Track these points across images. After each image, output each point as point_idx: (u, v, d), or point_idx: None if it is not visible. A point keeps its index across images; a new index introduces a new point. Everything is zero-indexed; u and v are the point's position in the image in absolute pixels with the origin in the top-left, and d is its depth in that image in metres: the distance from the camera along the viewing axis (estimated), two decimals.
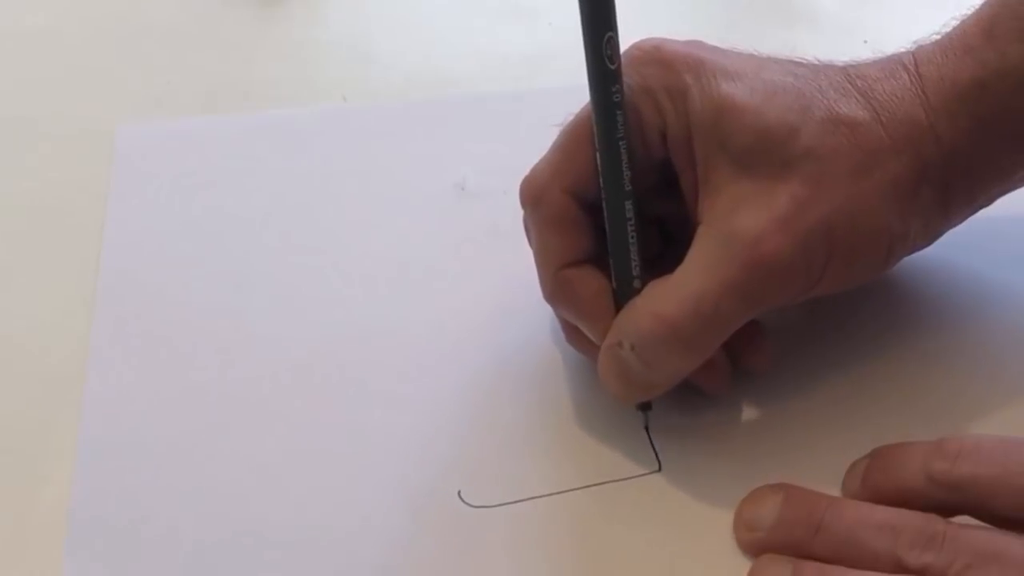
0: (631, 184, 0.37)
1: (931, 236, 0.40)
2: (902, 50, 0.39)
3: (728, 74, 0.37)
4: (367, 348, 0.43)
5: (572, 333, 0.40)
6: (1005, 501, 0.33)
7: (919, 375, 0.42)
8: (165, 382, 0.42)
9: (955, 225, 0.41)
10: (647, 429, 0.39)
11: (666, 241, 0.41)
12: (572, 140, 0.38)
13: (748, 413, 0.41)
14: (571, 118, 0.39)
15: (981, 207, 0.41)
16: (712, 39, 0.39)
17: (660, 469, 0.39)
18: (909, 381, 0.41)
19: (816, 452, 0.39)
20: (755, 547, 0.36)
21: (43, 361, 0.43)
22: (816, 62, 0.39)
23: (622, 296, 0.38)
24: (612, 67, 0.36)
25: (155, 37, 0.61)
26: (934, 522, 0.33)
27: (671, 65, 0.38)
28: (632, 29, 0.37)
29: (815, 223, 0.36)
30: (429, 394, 0.41)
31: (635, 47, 0.39)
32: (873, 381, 0.41)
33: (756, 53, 0.39)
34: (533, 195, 0.39)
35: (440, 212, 0.49)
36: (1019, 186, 0.41)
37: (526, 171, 0.39)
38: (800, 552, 0.35)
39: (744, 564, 0.35)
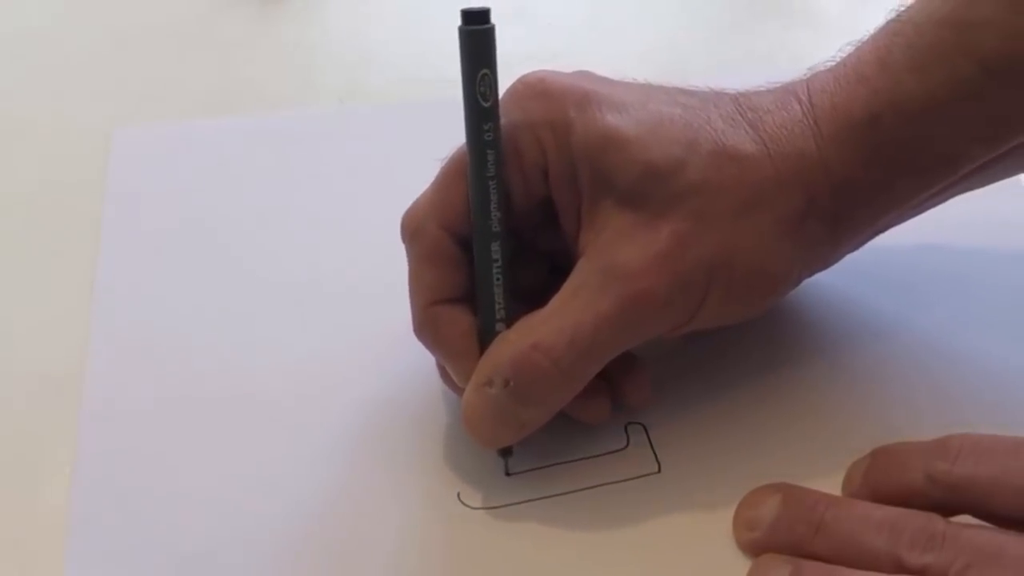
0: (500, 225, 0.37)
1: (822, 266, 0.40)
2: (796, 79, 0.39)
3: (614, 105, 0.37)
4: (366, 349, 0.43)
5: (443, 371, 0.39)
6: (1005, 501, 0.33)
7: (920, 374, 0.42)
8: (164, 383, 0.42)
9: (854, 250, 0.40)
10: (507, 474, 0.38)
11: (554, 274, 0.39)
12: (449, 176, 0.38)
13: (748, 413, 0.40)
14: (452, 153, 0.38)
15: (879, 232, 0.40)
16: (712, 39, 0.39)
17: (660, 470, 0.39)
18: (911, 379, 0.41)
19: (816, 452, 0.39)
20: (755, 547, 0.36)
21: (43, 362, 0.43)
22: (708, 91, 0.39)
23: (485, 338, 0.37)
24: (486, 105, 0.36)
25: (154, 38, 0.61)
26: (934, 521, 0.33)
27: (555, 98, 0.37)
28: (633, 29, 0.37)
29: (694, 261, 0.36)
30: (429, 396, 0.41)
31: (519, 81, 0.38)
32: (873, 381, 0.41)
33: (645, 83, 0.39)
34: (411, 229, 0.38)
35: None
36: (916, 214, 0.40)
37: None
38: (800, 552, 0.35)
39: (744, 564, 0.35)
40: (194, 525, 0.37)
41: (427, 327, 0.38)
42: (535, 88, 0.37)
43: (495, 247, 0.37)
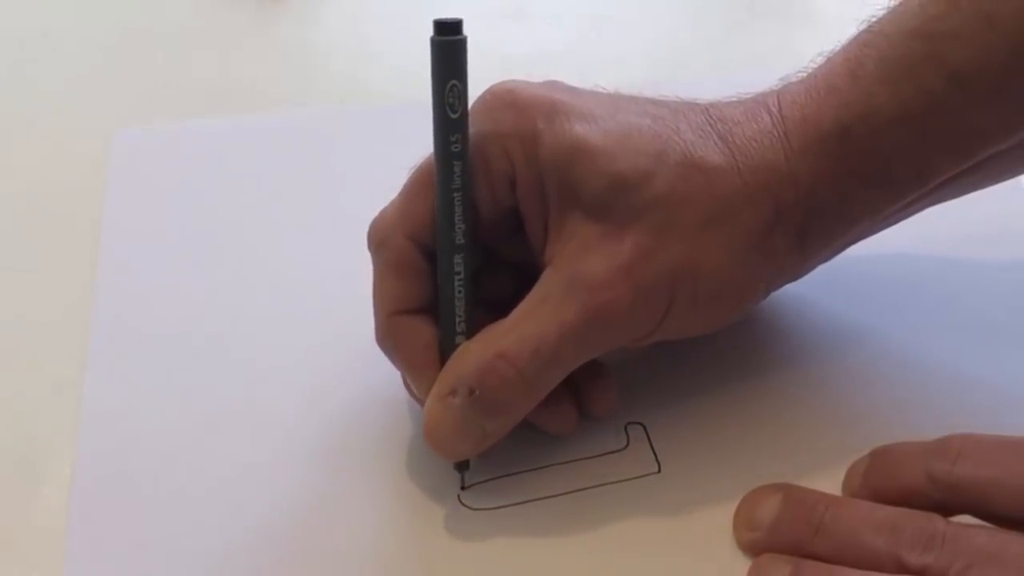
0: (464, 237, 0.36)
1: (790, 278, 0.40)
2: (768, 89, 0.39)
3: (582, 116, 0.37)
4: (366, 349, 0.43)
5: (406, 381, 0.39)
6: (1005, 501, 0.33)
7: (920, 374, 0.42)
8: (164, 383, 0.42)
9: (824, 262, 0.40)
10: (462, 489, 0.38)
11: (521, 283, 0.39)
12: (416, 185, 0.38)
13: (748, 414, 0.40)
14: (421, 162, 0.38)
15: (850, 244, 0.40)
16: (713, 39, 0.39)
17: (660, 470, 0.39)
18: (912, 379, 0.41)
19: (816, 452, 0.39)
20: (755, 547, 0.36)
21: (43, 361, 0.43)
22: (678, 101, 0.39)
23: (445, 350, 0.37)
24: (454, 116, 0.35)
25: (154, 38, 0.61)
26: (934, 522, 0.33)
27: (523, 109, 0.37)
28: (633, 29, 0.37)
29: (657, 272, 0.35)
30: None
31: (488, 91, 0.38)
32: (873, 381, 0.41)
33: (615, 92, 0.39)
34: (377, 239, 0.38)
35: None
36: (886, 227, 0.40)
37: None
38: (800, 552, 0.35)
39: (744, 564, 0.35)
40: (194, 525, 0.37)
41: (388, 338, 0.38)
42: (503, 99, 0.37)
43: (458, 259, 0.37)
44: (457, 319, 0.37)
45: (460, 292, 0.37)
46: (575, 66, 0.39)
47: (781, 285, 0.40)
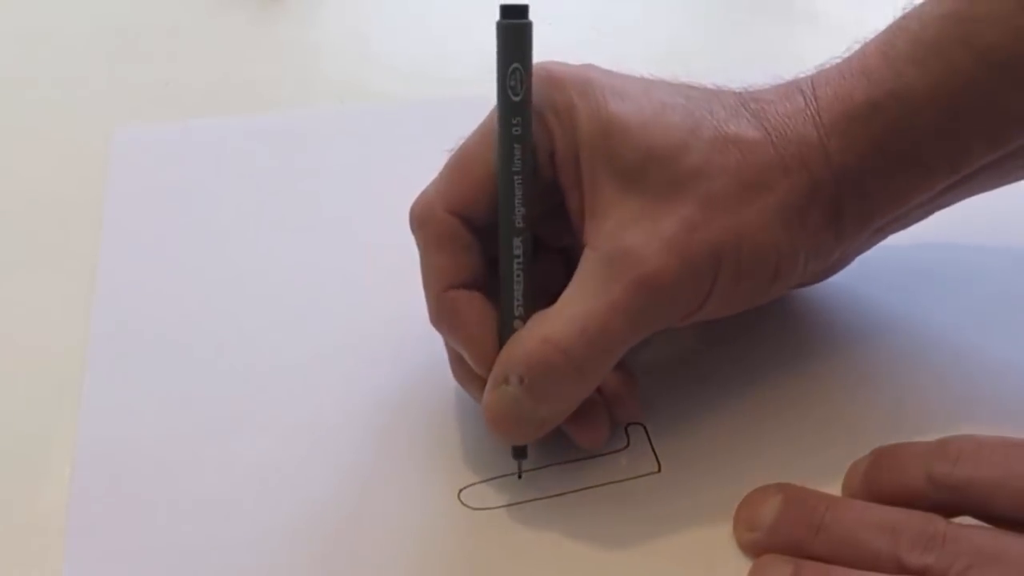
0: (523, 221, 0.36)
1: (824, 258, 0.39)
2: (802, 75, 0.39)
3: (616, 93, 0.37)
4: (366, 349, 0.43)
5: (457, 365, 0.39)
6: (1006, 503, 0.33)
7: (920, 374, 0.42)
8: (164, 383, 0.42)
9: (851, 250, 0.40)
10: (519, 476, 0.38)
11: (569, 270, 0.38)
12: (457, 162, 0.38)
13: (748, 413, 0.40)
14: (461, 142, 0.38)
15: (880, 233, 0.40)
16: (713, 39, 0.39)
17: (660, 470, 0.39)
18: (911, 380, 0.41)
19: (816, 452, 0.39)
20: (755, 547, 0.36)
21: (43, 361, 0.43)
22: (711, 87, 0.39)
23: (504, 336, 0.37)
24: (516, 99, 0.36)
25: (154, 37, 0.61)
26: (935, 522, 0.33)
27: (560, 85, 0.37)
28: (634, 29, 0.37)
29: (702, 244, 0.35)
30: (428, 395, 0.41)
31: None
32: (873, 381, 0.41)
33: (649, 76, 0.39)
34: (419, 216, 0.38)
35: None
36: (919, 217, 0.40)
37: None
38: (800, 552, 0.35)
39: (744, 564, 0.35)
40: (193, 525, 0.37)
41: (444, 313, 0.38)
42: (541, 76, 0.37)
43: (517, 242, 0.37)
44: (515, 303, 0.37)
45: (519, 276, 0.37)
46: None
47: (817, 270, 0.40)
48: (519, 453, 0.38)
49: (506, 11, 0.36)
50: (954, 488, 0.34)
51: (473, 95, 0.39)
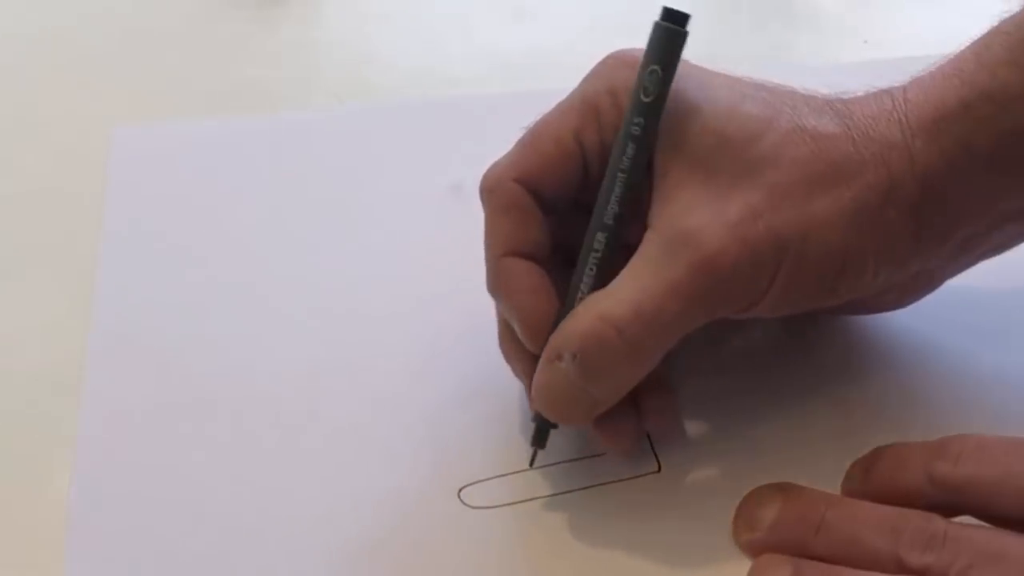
0: (613, 219, 0.36)
1: (899, 266, 0.37)
2: (896, 83, 0.38)
3: (697, 81, 0.37)
4: (365, 349, 0.43)
5: (505, 339, 0.39)
6: (1007, 502, 0.33)
7: (920, 374, 0.42)
8: (164, 383, 0.42)
9: (935, 266, 0.39)
10: (531, 464, 0.38)
11: None
12: (531, 135, 0.38)
13: (748, 413, 0.40)
14: (539, 116, 0.38)
15: (968, 251, 0.39)
16: (713, 39, 0.39)
17: (660, 470, 0.39)
18: (912, 379, 0.41)
19: (816, 452, 0.39)
20: (755, 547, 0.36)
21: (43, 361, 0.43)
22: (801, 89, 0.38)
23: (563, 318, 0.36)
24: (645, 100, 0.35)
25: (154, 38, 0.61)
26: (935, 522, 0.33)
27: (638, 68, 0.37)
28: (633, 29, 0.37)
29: (766, 232, 0.35)
30: (428, 395, 0.41)
31: (611, 55, 0.38)
32: (873, 381, 0.41)
33: (735, 74, 0.39)
34: (488, 182, 0.38)
35: (437, 214, 0.49)
36: (1014, 237, 0.39)
37: None
38: (801, 552, 0.35)
39: (744, 564, 0.35)
40: (193, 525, 0.37)
41: (500, 278, 0.37)
42: (622, 59, 0.37)
43: (600, 237, 0.36)
44: (580, 294, 0.36)
45: (592, 269, 0.36)
46: (575, 66, 0.38)
47: (895, 282, 0.38)
48: (539, 440, 0.38)
49: (668, 14, 0.35)
50: (955, 488, 0.34)
51: (473, 95, 0.39)
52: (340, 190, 0.50)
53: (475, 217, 0.47)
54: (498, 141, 0.45)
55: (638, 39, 0.38)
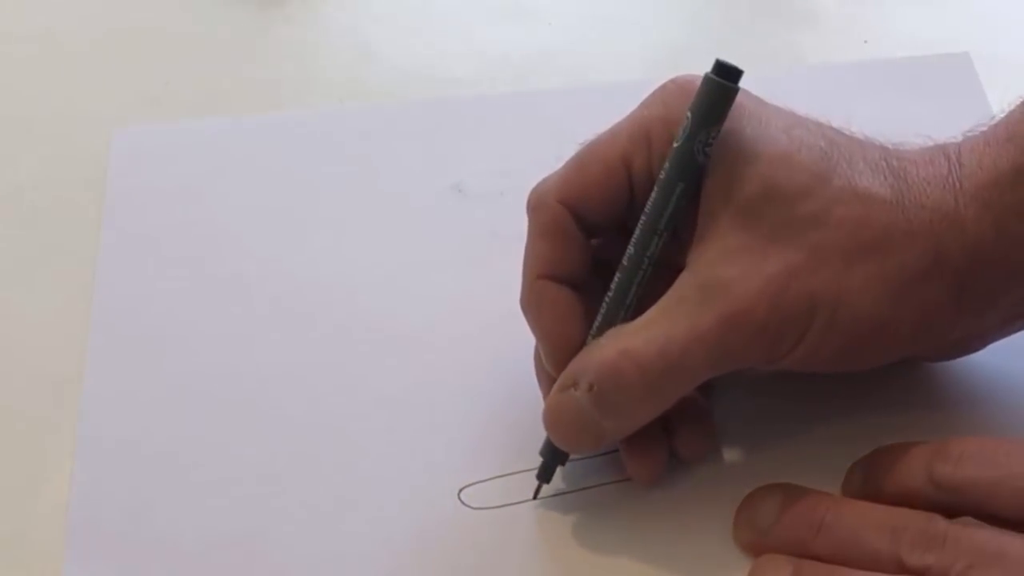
0: (649, 264, 0.36)
1: (940, 334, 0.37)
2: (950, 140, 0.37)
3: (758, 120, 0.36)
4: (365, 349, 0.43)
5: (537, 358, 0.39)
6: (1007, 503, 0.33)
7: (921, 375, 0.42)
8: (163, 382, 0.42)
9: (978, 329, 0.38)
10: (535, 497, 0.38)
11: None
12: (580, 156, 0.38)
13: (748, 413, 0.40)
14: (594, 137, 0.38)
15: (1005, 323, 0.38)
16: (713, 39, 0.39)
17: None
18: (912, 380, 0.41)
19: (816, 452, 0.39)
20: (755, 547, 0.36)
21: (43, 361, 0.43)
22: (860, 136, 0.37)
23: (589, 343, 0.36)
24: (699, 160, 0.35)
25: (154, 38, 0.61)
26: (936, 522, 0.33)
27: None
28: (633, 30, 0.37)
29: (799, 292, 0.34)
30: (428, 396, 0.41)
31: (672, 80, 0.38)
32: (874, 381, 0.41)
33: (800, 114, 0.37)
34: (533, 201, 0.38)
35: (437, 214, 0.48)
36: None
37: (524, 173, 0.39)
38: (801, 552, 0.35)
39: (744, 564, 0.35)
40: (193, 525, 0.37)
41: (531, 300, 0.37)
42: (683, 87, 0.37)
43: (639, 276, 0.36)
44: (601, 318, 0.36)
45: (625, 299, 0.36)
46: (575, 66, 0.38)
47: (936, 346, 0.38)
48: (544, 476, 0.38)
49: (720, 69, 0.35)
50: (955, 488, 0.34)
51: (473, 95, 0.39)
52: (340, 190, 0.50)
53: (475, 217, 0.47)
54: (498, 141, 0.45)
55: (638, 39, 0.37)
